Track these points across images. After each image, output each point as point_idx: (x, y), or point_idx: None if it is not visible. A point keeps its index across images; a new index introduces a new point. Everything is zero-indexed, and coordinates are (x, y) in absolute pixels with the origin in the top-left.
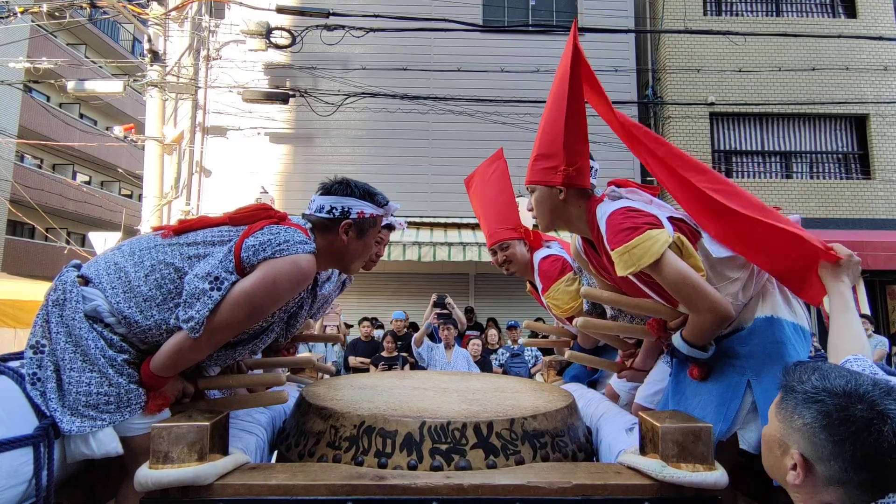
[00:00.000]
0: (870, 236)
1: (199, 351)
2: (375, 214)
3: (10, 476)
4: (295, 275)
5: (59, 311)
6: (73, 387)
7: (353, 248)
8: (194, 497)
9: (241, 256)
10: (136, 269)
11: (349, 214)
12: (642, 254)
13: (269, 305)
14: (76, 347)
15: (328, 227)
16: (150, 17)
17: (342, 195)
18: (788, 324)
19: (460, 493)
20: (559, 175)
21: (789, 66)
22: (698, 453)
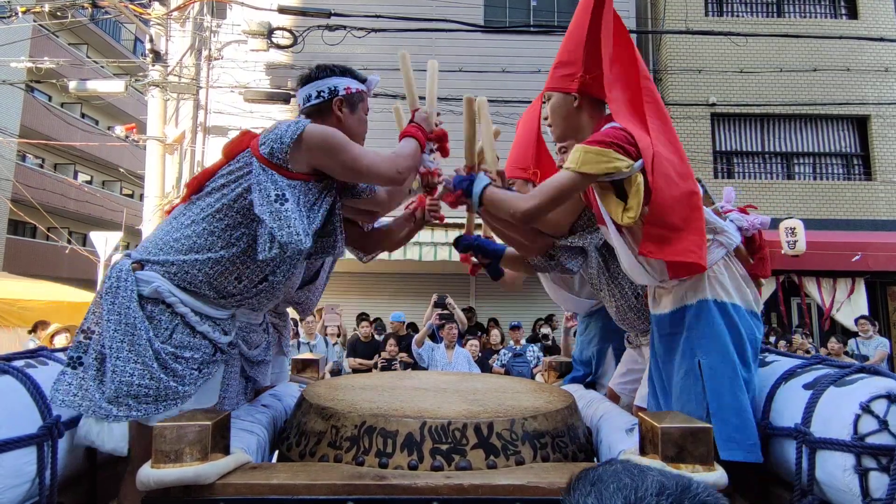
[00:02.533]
0: (871, 237)
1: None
2: (360, 89)
3: (14, 475)
4: (325, 132)
5: (112, 298)
6: (117, 375)
7: (350, 123)
8: (196, 496)
9: (274, 163)
10: (182, 229)
11: (337, 92)
12: (584, 160)
13: (349, 154)
14: (126, 336)
15: (322, 111)
16: (151, 17)
17: (325, 77)
18: (736, 306)
19: (461, 492)
20: (576, 82)
21: (791, 66)
22: (698, 454)
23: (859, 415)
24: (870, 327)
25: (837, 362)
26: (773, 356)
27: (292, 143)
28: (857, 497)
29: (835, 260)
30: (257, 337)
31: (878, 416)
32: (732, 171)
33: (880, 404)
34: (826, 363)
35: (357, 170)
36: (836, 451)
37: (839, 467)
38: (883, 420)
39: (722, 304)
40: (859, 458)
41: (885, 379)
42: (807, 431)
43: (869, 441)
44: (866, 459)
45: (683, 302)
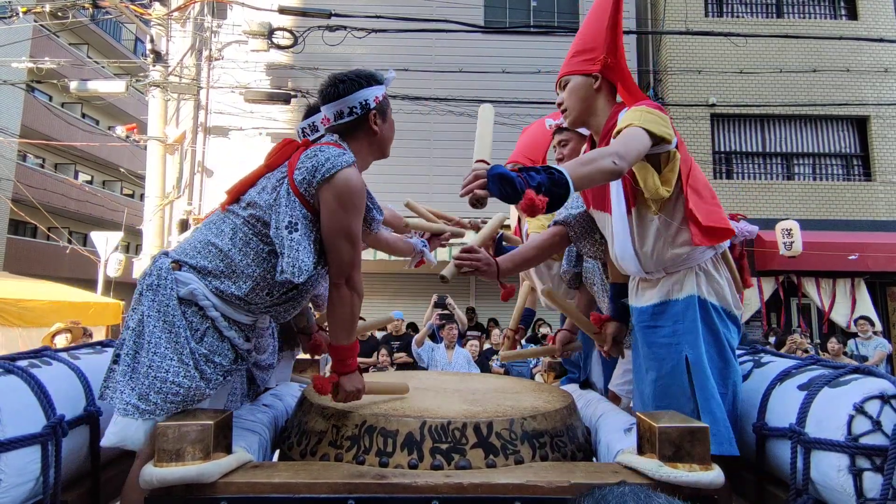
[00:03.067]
0: (870, 238)
1: (352, 302)
2: (385, 94)
3: (19, 474)
4: (352, 186)
5: (153, 294)
6: (152, 371)
7: (384, 132)
8: (198, 495)
9: (300, 191)
10: (221, 236)
11: (369, 106)
12: (646, 119)
13: (356, 221)
14: (168, 333)
15: (357, 126)
16: (152, 17)
17: (353, 91)
18: (716, 306)
19: (460, 491)
20: (597, 63)
21: (790, 67)
22: (695, 453)
23: (853, 415)
24: (869, 328)
25: (832, 363)
26: (768, 357)
27: (322, 181)
28: (851, 497)
29: (834, 260)
30: (265, 342)
31: (871, 416)
32: (732, 171)
33: (874, 405)
34: (821, 364)
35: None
36: (830, 451)
37: (833, 467)
38: (876, 420)
39: (705, 301)
40: (853, 459)
41: (878, 380)
42: (801, 432)
43: (863, 441)
44: (860, 459)
45: (670, 296)
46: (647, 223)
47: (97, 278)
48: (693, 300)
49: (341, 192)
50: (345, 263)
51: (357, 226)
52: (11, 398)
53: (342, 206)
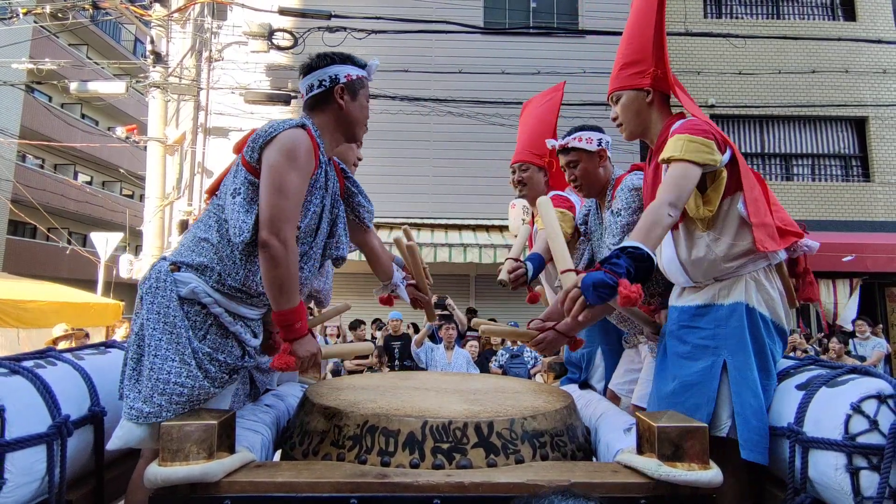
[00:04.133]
0: (869, 238)
1: (282, 259)
2: (360, 76)
3: (25, 473)
4: (291, 143)
5: (152, 297)
6: (155, 373)
7: (351, 110)
8: (202, 494)
9: (247, 161)
10: (209, 230)
11: (338, 80)
12: (688, 149)
13: (292, 176)
14: (166, 335)
15: (324, 100)
16: (152, 18)
17: (325, 66)
18: (764, 317)
19: (461, 490)
20: (648, 77)
21: (789, 68)
22: (694, 452)
23: (850, 415)
24: (867, 328)
25: (830, 363)
26: None
27: (264, 144)
28: (848, 495)
29: (833, 261)
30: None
31: (868, 416)
32: None
33: (870, 404)
34: (819, 364)
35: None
36: (827, 450)
37: (831, 466)
38: (873, 420)
39: (753, 310)
40: (850, 458)
41: (875, 380)
42: (799, 431)
43: (860, 440)
44: (857, 458)
45: (715, 300)
46: (696, 239)
47: (97, 279)
48: (740, 307)
49: (281, 146)
50: (275, 216)
51: (295, 181)
52: (17, 398)
53: (280, 157)
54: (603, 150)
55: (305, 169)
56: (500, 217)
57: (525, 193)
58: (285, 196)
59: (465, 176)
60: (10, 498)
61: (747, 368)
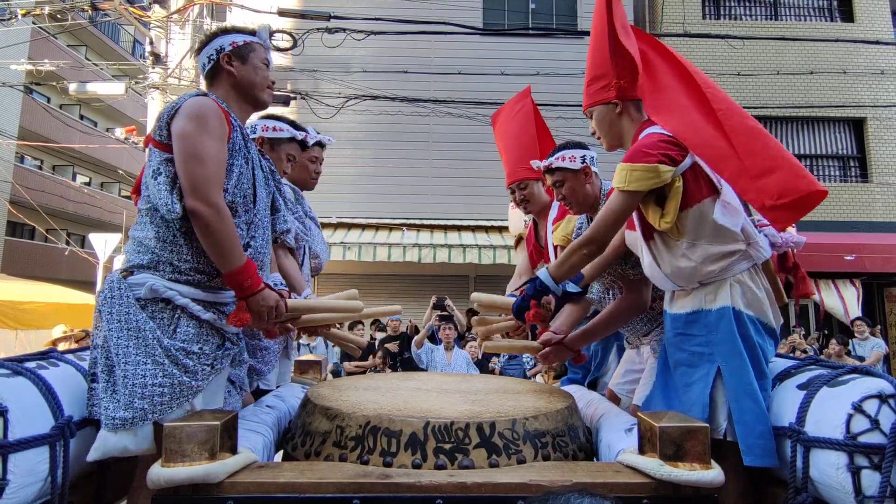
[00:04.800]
0: (867, 239)
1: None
2: (248, 41)
3: (28, 474)
4: (197, 108)
5: (110, 307)
6: (129, 380)
7: (244, 74)
8: (205, 494)
9: (157, 141)
10: (146, 226)
11: (224, 49)
12: (631, 179)
13: (204, 140)
14: (131, 340)
15: (217, 72)
16: (151, 19)
17: (210, 41)
18: (752, 318)
19: (464, 490)
20: (612, 90)
21: (787, 69)
22: (695, 452)
23: (851, 414)
24: (865, 328)
25: (831, 363)
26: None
27: (170, 119)
28: (849, 495)
29: (832, 262)
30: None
31: (869, 415)
32: None
33: (872, 404)
34: (820, 364)
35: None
36: (829, 449)
37: (832, 466)
38: (874, 419)
39: (740, 313)
40: (852, 457)
41: (876, 379)
42: (801, 430)
43: (861, 440)
44: (859, 458)
45: (703, 306)
46: (672, 248)
47: (96, 280)
48: (728, 312)
49: (187, 114)
50: (196, 182)
51: (210, 144)
52: (20, 399)
53: (189, 125)
54: (587, 167)
55: (219, 131)
56: (499, 218)
57: (531, 209)
58: (202, 161)
59: (464, 177)
60: (14, 499)
61: (742, 373)
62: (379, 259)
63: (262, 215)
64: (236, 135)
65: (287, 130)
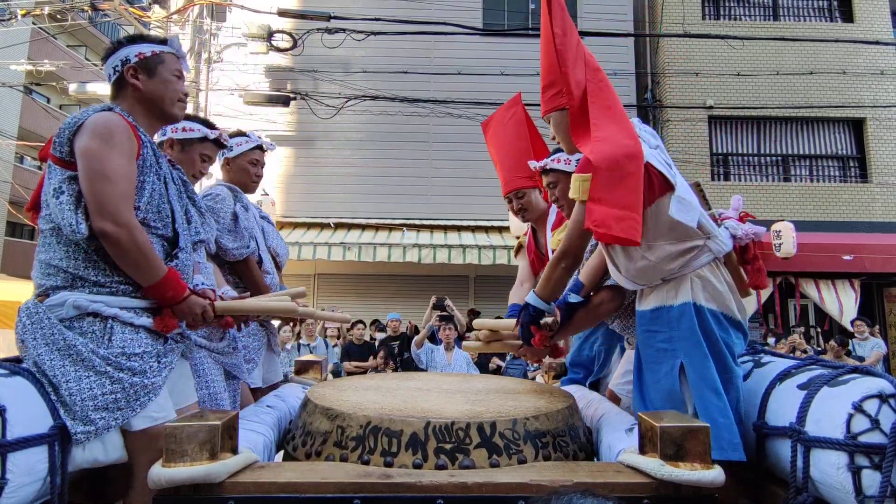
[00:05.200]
0: (867, 239)
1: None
2: (157, 51)
3: (27, 474)
4: (102, 124)
5: (33, 335)
6: (76, 396)
7: (151, 88)
8: (206, 494)
9: (58, 158)
10: (51, 247)
11: (129, 61)
12: (584, 189)
13: (111, 157)
14: (68, 358)
15: (122, 85)
16: (151, 20)
17: (115, 52)
18: (715, 312)
19: (464, 490)
20: (564, 96)
21: (787, 69)
22: (696, 452)
23: (852, 414)
24: (865, 328)
25: (831, 363)
26: (768, 357)
27: (72, 135)
28: (850, 494)
29: (832, 262)
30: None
31: (869, 415)
32: (729, 173)
33: (872, 404)
34: (820, 364)
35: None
36: (829, 449)
37: (833, 465)
38: (875, 419)
39: (701, 307)
40: (852, 457)
41: (876, 379)
42: (801, 430)
43: (861, 440)
44: (859, 458)
45: (665, 302)
46: (631, 252)
47: None
48: (688, 307)
49: (92, 130)
50: (103, 202)
51: (117, 162)
52: (18, 399)
53: (93, 142)
54: None
55: (127, 148)
56: (499, 218)
57: (529, 217)
58: (109, 180)
59: (464, 177)
60: (13, 499)
61: (704, 368)
62: (379, 259)
63: (182, 229)
64: (146, 151)
65: (198, 130)
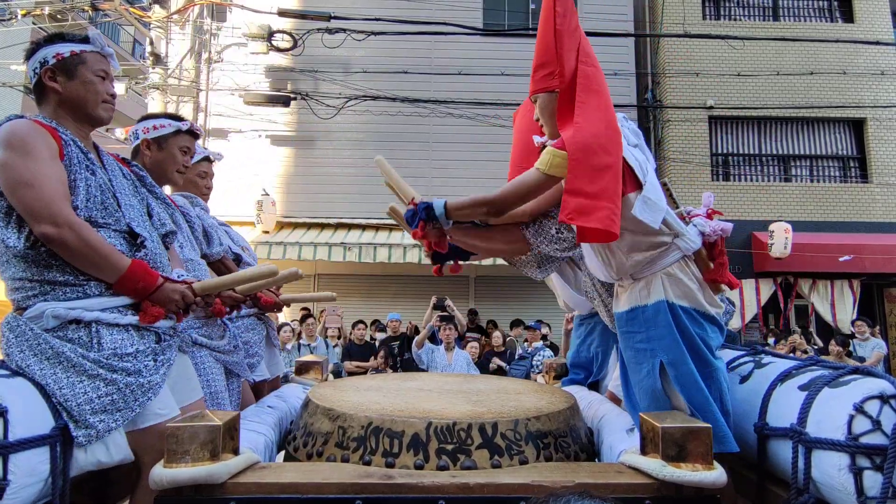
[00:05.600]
0: (867, 239)
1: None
2: (77, 51)
3: (29, 474)
4: (9, 134)
5: (19, 348)
6: (72, 401)
7: (71, 90)
8: (208, 495)
9: None
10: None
11: (47, 62)
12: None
13: (28, 164)
14: (59, 366)
15: (43, 89)
16: (151, 20)
17: (34, 54)
18: (686, 308)
19: (466, 491)
20: (555, 78)
21: (787, 70)
22: (698, 453)
23: (853, 415)
24: (866, 329)
25: (832, 364)
26: (769, 358)
27: None
28: (851, 495)
29: (832, 262)
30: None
31: (871, 416)
32: (729, 173)
33: (873, 405)
34: (821, 365)
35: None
36: (831, 450)
37: (834, 466)
38: (876, 420)
39: (674, 305)
40: (854, 458)
41: (878, 380)
42: (802, 431)
43: (863, 441)
44: (860, 459)
45: (639, 302)
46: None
47: None
48: (662, 305)
49: (2, 141)
50: (34, 209)
51: (36, 168)
52: (20, 400)
53: (6, 152)
54: None
55: (44, 150)
56: None
57: None
58: (32, 186)
59: (464, 177)
60: (15, 499)
61: (682, 364)
62: (379, 260)
63: (140, 220)
64: (70, 149)
65: (169, 125)
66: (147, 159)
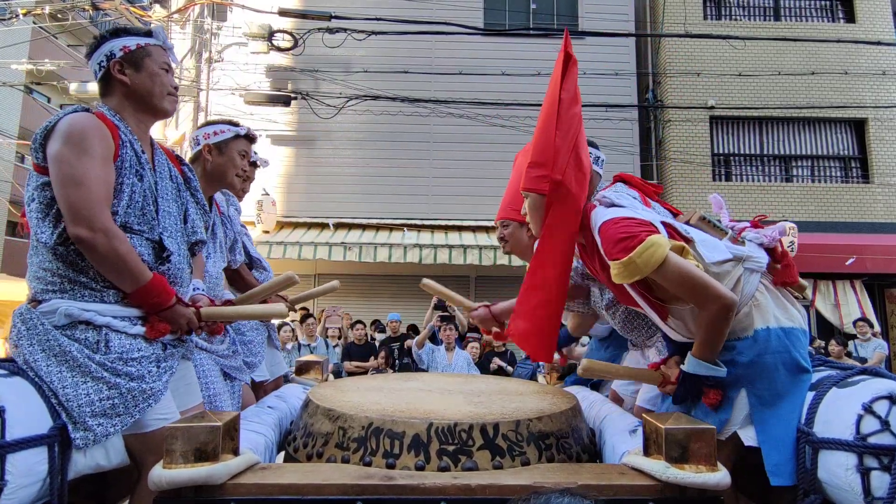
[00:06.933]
0: (869, 240)
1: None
2: (142, 44)
3: (27, 475)
4: (72, 127)
5: (29, 342)
6: (74, 402)
7: (138, 82)
8: (207, 496)
9: (35, 163)
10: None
11: (114, 55)
12: (647, 261)
13: (82, 162)
14: (65, 365)
15: (108, 82)
16: (152, 19)
17: (98, 47)
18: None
19: (468, 493)
20: (545, 183)
21: (788, 70)
22: (701, 454)
23: (861, 415)
24: (867, 329)
25: (840, 364)
26: None
27: (44, 140)
28: (858, 496)
29: (833, 263)
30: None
31: (879, 416)
32: (731, 173)
33: (882, 405)
34: (828, 365)
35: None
36: (838, 450)
37: (842, 467)
38: (885, 420)
39: (768, 330)
40: (861, 458)
41: (886, 380)
42: (810, 431)
43: (871, 441)
44: (868, 459)
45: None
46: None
47: None
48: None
49: (62, 135)
50: (77, 209)
51: (89, 167)
52: (18, 399)
53: (64, 147)
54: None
55: (100, 150)
56: None
57: (508, 250)
58: (81, 185)
59: (465, 177)
60: (13, 499)
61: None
62: (379, 260)
63: (174, 230)
64: (125, 151)
65: (228, 130)
66: (208, 164)
